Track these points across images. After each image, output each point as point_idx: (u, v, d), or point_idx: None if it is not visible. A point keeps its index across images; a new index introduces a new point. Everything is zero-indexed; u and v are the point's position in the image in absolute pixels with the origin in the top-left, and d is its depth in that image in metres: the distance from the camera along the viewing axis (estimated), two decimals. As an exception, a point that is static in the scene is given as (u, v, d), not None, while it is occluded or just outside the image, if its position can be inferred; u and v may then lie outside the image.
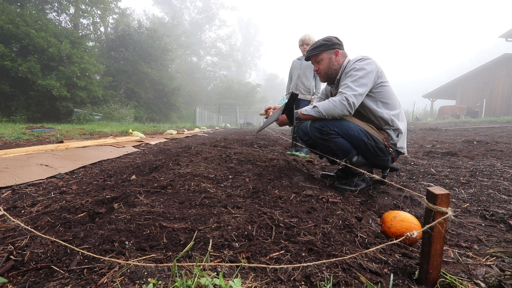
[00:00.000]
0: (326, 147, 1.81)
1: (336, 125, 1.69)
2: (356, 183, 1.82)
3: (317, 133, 1.75)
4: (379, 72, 1.68)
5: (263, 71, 72.99)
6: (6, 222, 1.17)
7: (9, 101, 13.06)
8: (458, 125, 10.87)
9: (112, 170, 2.48)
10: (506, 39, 17.80)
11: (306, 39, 3.57)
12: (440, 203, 0.71)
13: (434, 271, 0.74)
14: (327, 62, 1.81)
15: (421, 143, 5.11)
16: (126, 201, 1.30)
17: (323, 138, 1.74)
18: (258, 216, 1.09)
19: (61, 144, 4.05)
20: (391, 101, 1.72)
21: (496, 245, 1.07)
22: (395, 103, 1.74)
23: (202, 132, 10.83)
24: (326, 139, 1.73)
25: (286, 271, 0.75)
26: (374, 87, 1.68)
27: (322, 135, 1.73)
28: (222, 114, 25.74)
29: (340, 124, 1.69)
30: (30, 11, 13.72)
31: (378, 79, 1.68)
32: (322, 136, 1.73)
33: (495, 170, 2.32)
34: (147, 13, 36.27)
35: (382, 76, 1.69)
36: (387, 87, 1.71)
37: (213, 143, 3.86)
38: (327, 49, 1.79)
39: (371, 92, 1.69)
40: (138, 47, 22.40)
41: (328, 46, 1.78)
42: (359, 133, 1.68)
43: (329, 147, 1.77)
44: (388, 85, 1.72)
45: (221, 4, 53.62)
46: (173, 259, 0.79)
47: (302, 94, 3.67)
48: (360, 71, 1.62)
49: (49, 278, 0.72)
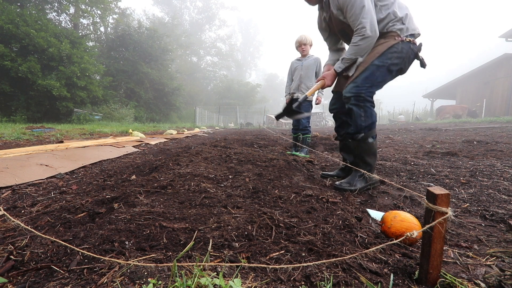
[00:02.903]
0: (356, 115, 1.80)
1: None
2: (356, 182, 1.82)
3: (353, 99, 1.76)
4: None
5: (263, 71, 73.02)
6: (6, 222, 1.17)
7: (9, 101, 13.07)
8: (458, 125, 10.88)
9: (112, 170, 2.48)
10: (506, 39, 17.80)
11: (303, 39, 3.60)
12: (440, 203, 0.71)
13: (434, 271, 0.74)
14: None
15: (421, 143, 5.12)
16: (126, 201, 1.30)
17: (358, 105, 1.75)
18: (258, 216, 1.09)
19: (61, 144, 4.05)
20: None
21: (496, 245, 1.07)
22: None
23: (202, 132, 10.83)
24: (361, 106, 1.75)
25: (286, 271, 0.75)
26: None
27: (357, 102, 1.75)
28: (222, 114, 25.75)
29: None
30: (30, 11, 13.74)
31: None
32: (358, 103, 1.75)
33: (495, 170, 2.32)
34: (147, 13, 36.29)
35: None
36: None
37: (213, 143, 3.86)
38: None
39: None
40: (138, 47, 22.41)
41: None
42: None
43: (357, 115, 1.77)
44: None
45: (221, 4, 53.68)
46: (173, 259, 0.79)
47: (303, 94, 3.67)
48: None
49: (49, 278, 0.72)
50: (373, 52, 1.73)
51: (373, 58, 1.72)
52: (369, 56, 1.75)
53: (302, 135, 3.79)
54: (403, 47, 1.70)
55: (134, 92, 21.85)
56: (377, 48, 1.73)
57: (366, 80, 1.74)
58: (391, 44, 1.69)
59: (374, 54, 1.73)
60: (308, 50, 3.65)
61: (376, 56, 1.71)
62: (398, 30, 1.70)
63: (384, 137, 6.79)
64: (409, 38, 1.70)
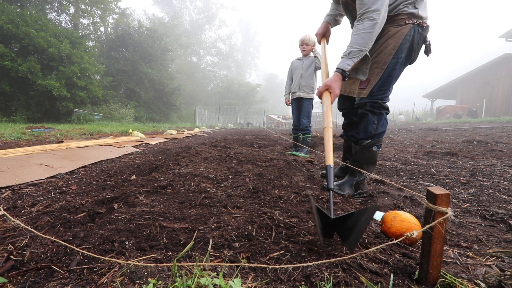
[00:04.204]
0: (365, 119, 1.66)
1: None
2: (345, 187, 1.71)
3: (370, 106, 1.60)
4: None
5: (263, 71, 73.13)
6: (6, 222, 1.17)
7: (9, 101, 13.07)
8: (458, 125, 10.88)
9: (112, 170, 2.48)
10: (506, 39, 17.80)
11: (306, 39, 3.61)
12: (440, 203, 0.71)
13: (434, 271, 0.74)
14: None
15: (421, 143, 5.12)
16: (126, 201, 1.30)
17: (373, 112, 1.62)
18: (258, 216, 1.09)
19: (61, 144, 4.05)
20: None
21: (496, 245, 1.07)
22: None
23: (202, 132, 10.82)
24: (376, 113, 1.62)
25: (286, 271, 0.75)
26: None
27: (373, 108, 1.61)
28: (222, 114, 25.75)
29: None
30: (30, 11, 13.74)
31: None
32: (373, 110, 1.61)
33: (495, 170, 2.32)
34: (147, 13, 36.29)
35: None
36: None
37: (213, 143, 3.86)
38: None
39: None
40: (138, 47, 22.41)
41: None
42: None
43: (370, 121, 1.62)
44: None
45: (221, 4, 53.73)
46: (173, 259, 0.79)
47: (305, 93, 3.69)
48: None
49: (49, 278, 0.72)
50: (388, 47, 1.49)
51: (390, 56, 1.50)
52: (383, 53, 1.51)
53: (302, 135, 3.79)
54: (414, 33, 1.48)
55: (134, 92, 21.85)
56: (389, 42, 1.49)
57: (383, 85, 1.56)
58: (404, 33, 1.46)
59: (389, 50, 1.49)
60: (308, 50, 3.66)
61: (392, 54, 1.49)
62: (410, 14, 1.46)
63: (384, 137, 6.79)
64: (418, 21, 1.47)
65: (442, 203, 0.71)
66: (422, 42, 1.55)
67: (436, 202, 0.71)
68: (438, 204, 0.71)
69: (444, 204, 0.71)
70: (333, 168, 1.24)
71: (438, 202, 0.71)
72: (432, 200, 0.72)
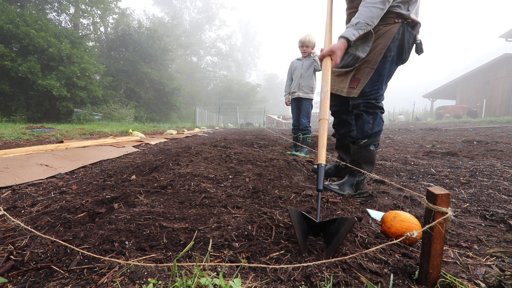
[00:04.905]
0: (362, 120, 1.67)
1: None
2: (345, 187, 1.71)
3: (363, 106, 1.61)
4: None
5: (263, 71, 73.15)
6: (6, 222, 1.17)
7: (9, 101, 13.07)
8: (458, 125, 10.88)
9: (112, 170, 2.48)
10: (506, 39, 17.80)
11: (306, 40, 3.60)
12: (440, 203, 0.71)
13: (434, 271, 0.74)
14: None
15: (421, 143, 5.12)
16: (126, 201, 1.30)
17: (367, 112, 1.62)
18: (258, 216, 1.09)
19: (61, 144, 4.05)
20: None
21: (496, 245, 1.07)
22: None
23: (202, 132, 10.83)
24: (371, 113, 1.63)
25: (286, 271, 0.75)
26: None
27: (367, 108, 1.61)
28: (222, 114, 25.75)
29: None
30: (30, 11, 13.75)
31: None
32: (368, 109, 1.62)
33: (495, 170, 2.32)
34: (147, 13, 36.34)
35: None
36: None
37: (213, 143, 3.86)
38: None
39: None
40: (138, 47, 22.41)
41: None
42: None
43: (366, 121, 1.64)
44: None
45: (221, 4, 53.77)
46: (173, 259, 0.79)
47: (304, 93, 3.69)
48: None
49: (49, 278, 0.72)
50: (378, 47, 1.52)
51: (380, 56, 1.52)
52: (373, 52, 1.53)
53: (302, 135, 3.79)
54: (404, 32, 1.50)
55: (134, 92, 21.86)
56: (379, 41, 1.51)
57: (375, 84, 1.57)
58: (393, 32, 1.48)
59: (379, 50, 1.52)
60: (309, 52, 3.66)
61: (382, 53, 1.51)
62: (399, 14, 1.46)
63: (384, 137, 6.79)
64: (407, 20, 1.48)
65: (442, 203, 0.71)
66: (412, 41, 1.55)
67: (436, 202, 0.71)
68: (438, 204, 0.71)
69: (444, 204, 0.71)
70: (331, 166, 1.24)
71: (438, 202, 0.71)
72: (432, 200, 0.72)
